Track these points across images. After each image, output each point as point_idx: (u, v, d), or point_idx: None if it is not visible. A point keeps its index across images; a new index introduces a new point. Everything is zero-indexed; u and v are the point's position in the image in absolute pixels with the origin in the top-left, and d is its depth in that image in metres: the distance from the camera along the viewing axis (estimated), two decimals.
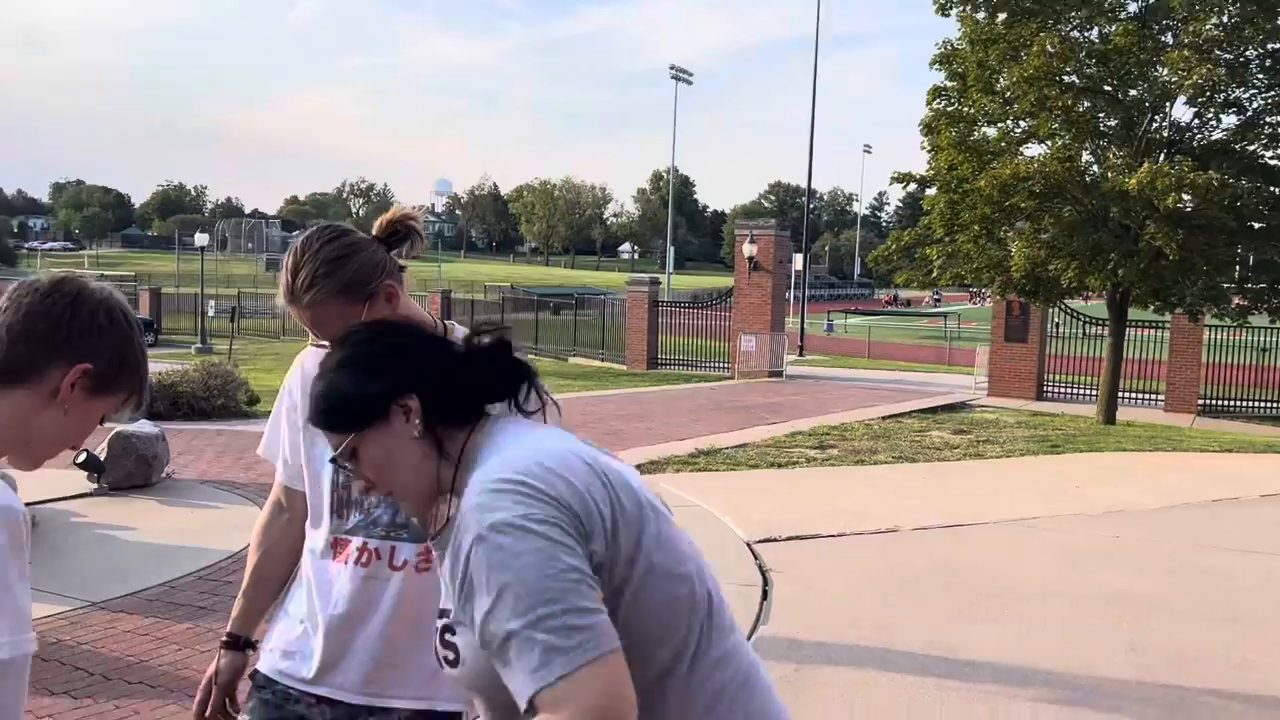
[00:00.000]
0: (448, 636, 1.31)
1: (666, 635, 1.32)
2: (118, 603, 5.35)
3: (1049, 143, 15.43)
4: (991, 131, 16.06)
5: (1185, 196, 13.58)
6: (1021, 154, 15.52)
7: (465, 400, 1.41)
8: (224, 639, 2.10)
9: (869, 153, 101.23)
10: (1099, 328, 19.31)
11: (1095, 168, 15.67)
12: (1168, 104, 15.25)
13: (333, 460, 1.46)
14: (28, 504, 1.41)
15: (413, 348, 1.44)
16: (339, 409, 1.41)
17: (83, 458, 7.96)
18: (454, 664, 1.31)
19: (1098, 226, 14.67)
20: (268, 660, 2.01)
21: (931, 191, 16.20)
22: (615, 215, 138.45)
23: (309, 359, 2.05)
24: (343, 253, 1.84)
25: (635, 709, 1.18)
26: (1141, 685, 4.69)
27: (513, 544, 1.20)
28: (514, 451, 1.32)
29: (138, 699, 4.13)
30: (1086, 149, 15.72)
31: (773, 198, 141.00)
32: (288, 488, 2.09)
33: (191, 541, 6.64)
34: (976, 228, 15.13)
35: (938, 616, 5.63)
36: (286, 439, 2.07)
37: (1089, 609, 5.85)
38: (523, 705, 1.18)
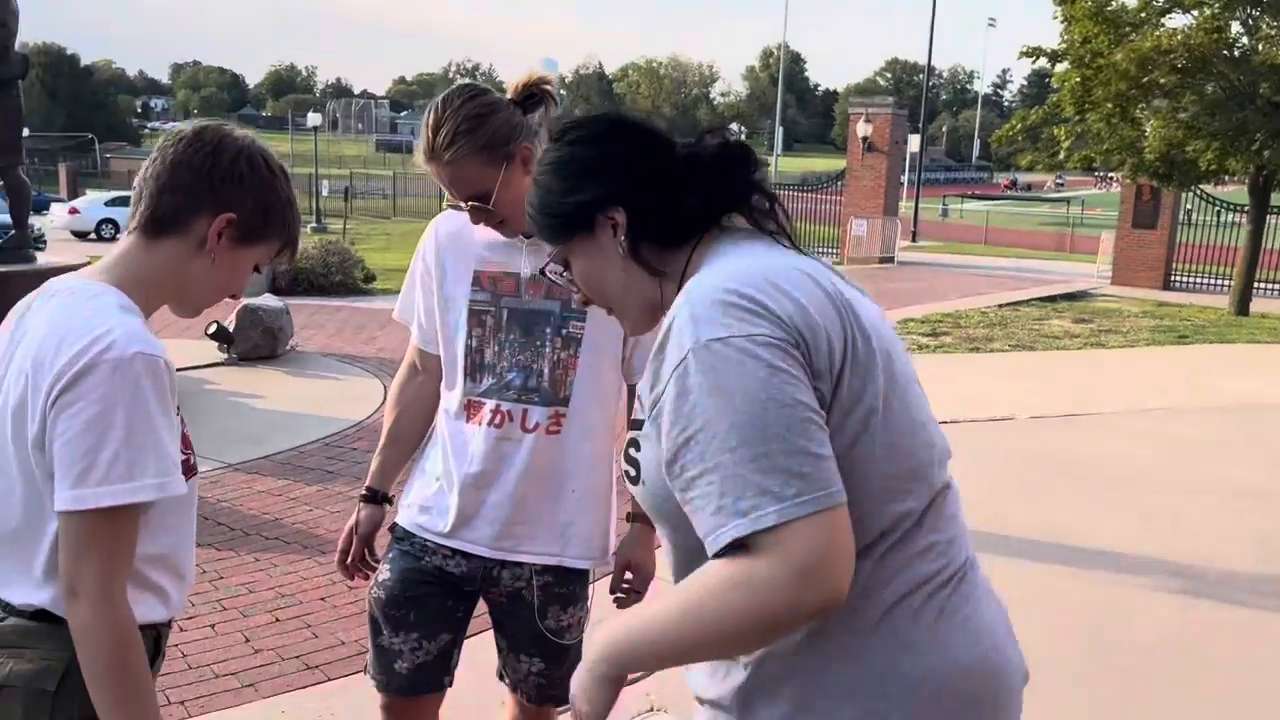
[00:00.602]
0: (631, 451, 1.17)
1: (875, 514, 1.13)
2: (252, 464, 5.63)
3: (1194, 13, 14.34)
4: (1131, 1, 15.00)
5: None
6: (1163, 25, 14.49)
7: (683, 217, 1.24)
8: (363, 493, 2.18)
9: (993, 26, 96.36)
10: (1236, 214, 18.21)
11: (1245, 40, 14.55)
12: None
13: (541, 272, 1.41)
14: None
15: (628, 155, 1.26)
16: (542, 215, 1.30)
17: (213, 329, 8.33)
18: (635, 480, 1.18)
19: (1244, 104, 13.70)
20: (406, 515, 2.08)
21: (1062, 67, 15.26)
22: (723, 95, 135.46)
23: (443, 223, 2.05)
24: (483, 111, 1.83)
25: (851, 571, 1.02)
26: (1271, 579, 4.55)
27: (733, 365, 1.03)
28: (737, 263, 1.16)
29: (274, 553, 4.38)
30: (1236, 19, 14.56)
31: (888, 75, 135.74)
32: (422, 350, 2.12)
33: (316, 410, 6.92)
34: (1110, 106, 14.28)
35: (1054, 504, 5.54)
36: (421, 303, 2.09)
37: (1216, 501, 5.67)
38: (713, 547, 1.04)
